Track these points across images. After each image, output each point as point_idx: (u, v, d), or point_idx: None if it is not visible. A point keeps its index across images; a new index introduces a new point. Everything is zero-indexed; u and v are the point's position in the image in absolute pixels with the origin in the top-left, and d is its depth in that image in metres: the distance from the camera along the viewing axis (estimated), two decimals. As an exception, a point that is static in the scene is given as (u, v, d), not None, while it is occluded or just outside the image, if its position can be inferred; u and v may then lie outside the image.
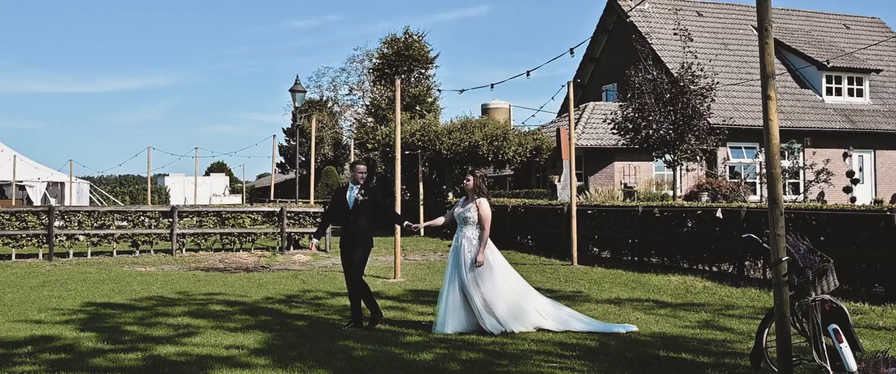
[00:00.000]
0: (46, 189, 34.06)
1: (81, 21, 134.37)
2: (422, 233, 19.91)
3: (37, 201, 32.49)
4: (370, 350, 7.42)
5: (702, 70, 20.68)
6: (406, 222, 9.31)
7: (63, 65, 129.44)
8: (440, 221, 9.30)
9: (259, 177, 74.49)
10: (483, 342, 7.86)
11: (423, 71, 31.16)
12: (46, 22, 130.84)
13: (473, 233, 8.48)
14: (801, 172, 25.21)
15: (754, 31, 32.22)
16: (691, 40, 21.71)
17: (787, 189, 25.66)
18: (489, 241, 8.50)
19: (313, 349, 7.48)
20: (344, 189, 9.03)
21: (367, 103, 36.17)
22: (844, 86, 30.44)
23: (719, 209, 13.49)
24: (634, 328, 8.50)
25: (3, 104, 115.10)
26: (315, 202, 25.32)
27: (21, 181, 32.50)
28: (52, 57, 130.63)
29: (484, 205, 8.51)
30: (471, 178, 8.69)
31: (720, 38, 31.67)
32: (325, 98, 49.33)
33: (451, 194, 26.48)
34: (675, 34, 22.85)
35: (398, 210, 12.49)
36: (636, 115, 20.48)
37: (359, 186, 8.82)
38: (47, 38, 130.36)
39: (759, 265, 12.72)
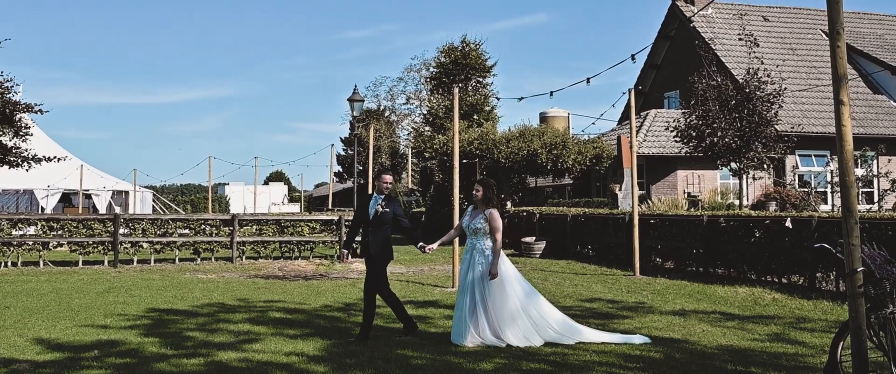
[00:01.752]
0: (111, 198, 35.03)
1: (145, 35, 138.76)
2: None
3: (102, 209, 33.46)
4: (429, 359, 7.33)
5: (769, 76, 20.10)
6: (419, 244, 8.87)
7: (127, 77, 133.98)
8: (451, 235, 9.05)
9: (317, 186, 75.54)
10: (544, 352, 7.69)
11: (480, 79, 31.08)
12: (112, 36, 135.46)
13: (484, 244, 8.22)
14: (875, 180, 24.26)
15: (824, 36, 31.24)
16: (757, 45, 21.12)
17: (860, 199, 24.72)
18: (502, 252, 8.25)
19: (372, 356, 7.43)
20: (368, 197, 8.84)
21: (425, 112, 36.27)
22: (919, 91, 29.24)
23: (789, 219, 13.02)
24: (648, 340, 8.23)
25: (71, 115, 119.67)
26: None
27: (87, 190, 33.52)
28: (117, 69, 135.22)
29: (495, 215, 8.22)
30: (480, 187, 8.42)
31: (787, 43, 30.79)
32: (382, 107, 49.74)
33: (509, 203, 26.30)
34: (740, 39, 22.29)
35: (456, 222, 12.34)
36: (700, 122, 20.02)
37: (383, 196, 8.59)
38: (112, 52, 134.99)
39: (832, 277, 12.22)
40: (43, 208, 31.88)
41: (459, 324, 8.14)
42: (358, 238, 9.23)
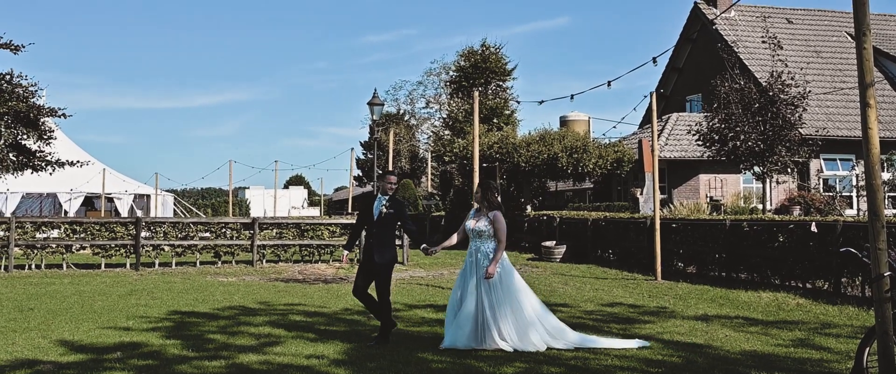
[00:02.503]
0: (133, 201, 35.33)
1: (167, 40, 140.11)
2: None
3: (124, 212, 33.77)
4: (449, 363, 7.30)
5: (793, 79, 19.91)
6: (423, 245, 8.75)
7: (149, 81, 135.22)
8: (454, 239, 8.85)
9: (336, 190, 75.73)
10: (564, 356, 7.63)
11: (500, 83, 31.07)
12: (134, 41, 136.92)
13: (488, 246, 8.14)
14: (901, 184, 23.94)
15: (849, 38, 30.88)
16: (781, 48, 20.93)
17: (886, 203, 24.37)
18: (504, 255, 8.16)
19: (392, 360, 7.42)
20: (371, 199, 8.57)
21: (444, 116, 36.31)
22: (947, 94, 28.80)
23: (813, 223, 12.86)
24: (648, 344, 8.14)
25: (94, 120, 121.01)
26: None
27: (110, 194, 33.84)
28: (140, 74, 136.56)
29: (499, 218, 8.16)
30: (479, 190, 8.38)
31: (812, 46, 30.47)
32: (402, 111, 49.80)
33: (529, 207, 26.21)
34: (763, 42, 22.10)
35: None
36: (723, 125, 19.85)
37: (387, 197, 8.38)
38: (135, 57, 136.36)
39: (858, 282, 12.05)
40: (66, 212, 32.22)
41: (459, 328, 7.95)
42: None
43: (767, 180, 20.46)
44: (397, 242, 9.17)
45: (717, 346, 8.21)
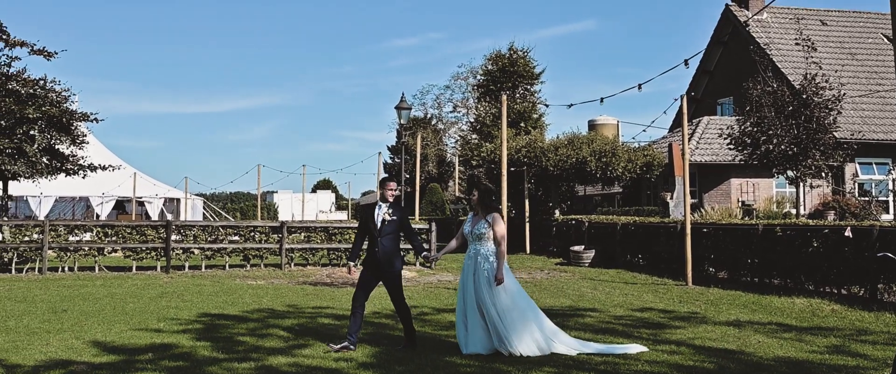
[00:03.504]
0: (163, 205, 35.71)
1: (195, 45, 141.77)
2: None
3: (154, 216, 34.13)
4: (477, 366, 7.26)
5: (827, 81, 19.56)
6: (424, 254, 8.68)
7: (180, 86, 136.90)
8: (454, 244, 8.78)
9: (364, 194, 75.86)
10: (594, 361, 7.55)
11: (528, 87, 30.93)
12: (163, 47, 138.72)
13: (487, 248, 8.05)
14: (939, 189, 23.43)
15: (886, 40, 30.34)
16: (815, 50, 20.59)
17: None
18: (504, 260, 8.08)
19: (420, 363, 7.40)
20: (371, 207, 8.39)
21: (472, 120, 36.24)
22: None
23: (849, 228, 12.60)
24: (644, 349, 8.03)
25: (125, 124, 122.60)
26: (420, 219, 25.45)
27: (140, 197, 34.22)
28: (169, 79, 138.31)
29: (498, 220, 8.08)
30: (476, 192, 8.28)
31: (846, 48, 29.97)
32: (429, 115, 49.83)
33: (557, 212, 26.06)
34: (796, 44, 21.78)
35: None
36: (755, 129, 19.57)
37: (387, 204, 8.26)
38: (164, 62, 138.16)
39: (895, 288, 11.77)
40: (98, 215, 32.68)
41: (464, 333, 7.91)
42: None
43: (801, 185, 20.12)
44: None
45: (750, 352, 8.07)
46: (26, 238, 17.54)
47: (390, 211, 8.24)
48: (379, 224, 8.18)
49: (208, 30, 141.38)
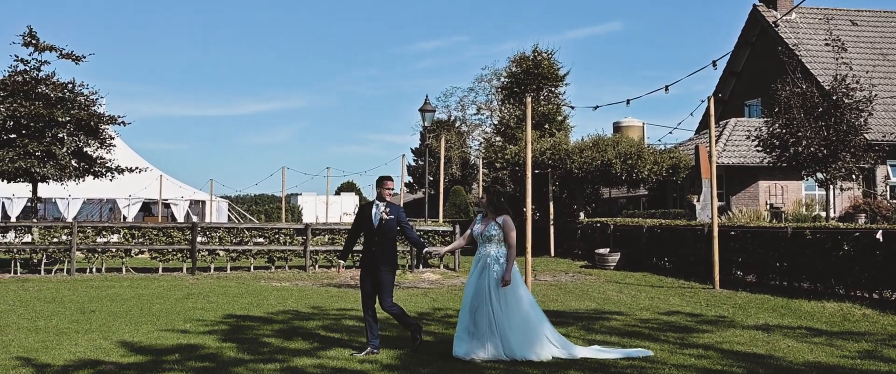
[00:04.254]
0: (189, 207, 36.01)
1: (219, 49, 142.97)
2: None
3: (180, 218, 34.42)
4: (502, 369, 7.22)
5: (857, 82, 19.27)
6: (425, 250, 8.61)
7: (204, 89, 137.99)
8: (460, 242, 8.71)
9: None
10: (621, 365, 7.47)
11: (552, 89, 30.80)
12: (187, 50, 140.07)
13: (497, 251, 7.97)
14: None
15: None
16: (845, 51, 20.29)
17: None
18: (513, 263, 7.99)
19: (445, 365, 7.37)
20: (369, 206, 8.34)
21: (496, 122, 36.15)
22: None
23: (880, 231, 12.38)
24: (650, 353, 7.92)
25: (151, 127, 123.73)
26: (444, 221, 25.43)
27: (166, 199, 34.56)
28: (194, 82, 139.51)
29: (508, 222, 8.00)
30: (485, 195, 8.21)
31: (877, 48, 29.51)
32: (453, 118, 49.76)
33: (581, 214, 25.91)
34: (826, 44, 21.50)
35: (529, 233, 12.08)
36: (783, 131, 19.31)
37: (385, 203, 8.22)
38: (189, 66, 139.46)
39: (930, 293, 11.54)
40: (125, 217, 33.04)
41: (468, 335, 7.75)
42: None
43: (831, 187, 19.82)
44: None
45: (779, 356, 7.95)
46: (55, 240, 17.77)
47: (387, 210, 8.19)
48: (376, 223, 8.14)
49: (232, 33, 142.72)
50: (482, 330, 7.74)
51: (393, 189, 8.37)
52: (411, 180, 56.98)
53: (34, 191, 21.27)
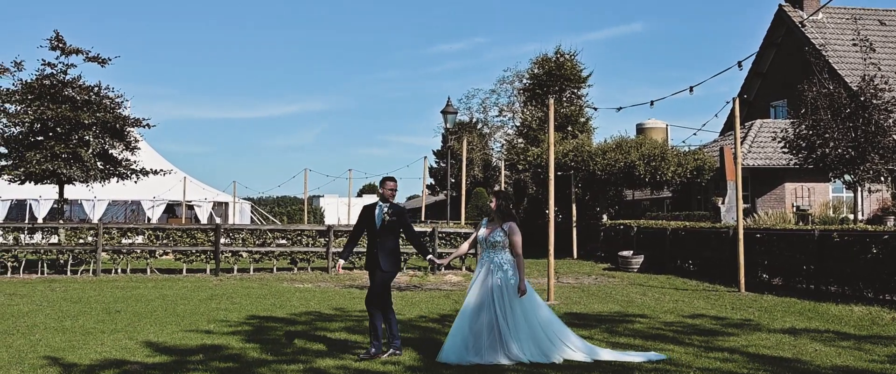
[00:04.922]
0: (212, 209, 36.29)
1: (241, 51, 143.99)
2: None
3: (203, 219, 34.70)
4: (525, 372, 7.17)
5: (887, 83, 18.96)
6: (430, 257, 8.47)
7: (227, 92, 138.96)
8: (464, 248, 8.62)
9: (409, 198, 76.17)
10: (645, 368, 7.39)
11: (575, 90, 30.68)
12: (210, 53, 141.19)
13: (502, 257, 7.82)
14: None
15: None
16: (873, 51, 19.98)
17: None
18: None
19: (466, 368, 7.33)
20: (372, 207, 8.26)
21: (518, 124, 36.07)
22: None
23: (910, 234, 12.18)
24: (663, 357, 7.80)
25: (174, 130, 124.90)
26: (466, 223, 25.39)
27: (190, 201, 34.86)
28: (217, 85, 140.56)
29: (514, 229, 7.84)
30: (494, 199, 8.03)
31: (906, 49, 29.03)
32: (474, 120, 49.71)
33: (604, 216, 25.76)
34: (853, 45, 21.20)
35: (552, 235, 11.99)
36: (810, 132, 19.06)
37: (388, 204, 8.15)
38: (211, 68, 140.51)
39: (961, 297, 11.32)
40: (149, 219, 33.36)
41: (467, 340, 7.59)
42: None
43: (859, 189, 19.53)
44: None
45: (807, 360, 7.83)
46: (81, 241, 17.97)
47: (390, 211, 8.13)
48: (379, 224, 8.09)
49: (255, 37, 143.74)
50: (481, 339, 7.59)
51: (395, 190, 8.31)
52: (433, 182, 56.96)
53: (60, 192, 21.54)
